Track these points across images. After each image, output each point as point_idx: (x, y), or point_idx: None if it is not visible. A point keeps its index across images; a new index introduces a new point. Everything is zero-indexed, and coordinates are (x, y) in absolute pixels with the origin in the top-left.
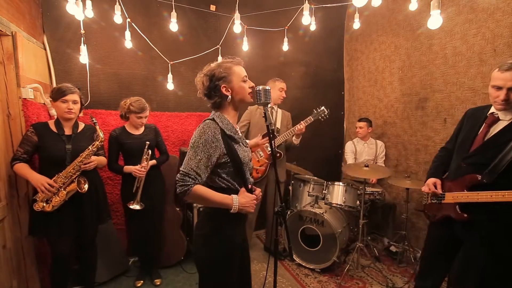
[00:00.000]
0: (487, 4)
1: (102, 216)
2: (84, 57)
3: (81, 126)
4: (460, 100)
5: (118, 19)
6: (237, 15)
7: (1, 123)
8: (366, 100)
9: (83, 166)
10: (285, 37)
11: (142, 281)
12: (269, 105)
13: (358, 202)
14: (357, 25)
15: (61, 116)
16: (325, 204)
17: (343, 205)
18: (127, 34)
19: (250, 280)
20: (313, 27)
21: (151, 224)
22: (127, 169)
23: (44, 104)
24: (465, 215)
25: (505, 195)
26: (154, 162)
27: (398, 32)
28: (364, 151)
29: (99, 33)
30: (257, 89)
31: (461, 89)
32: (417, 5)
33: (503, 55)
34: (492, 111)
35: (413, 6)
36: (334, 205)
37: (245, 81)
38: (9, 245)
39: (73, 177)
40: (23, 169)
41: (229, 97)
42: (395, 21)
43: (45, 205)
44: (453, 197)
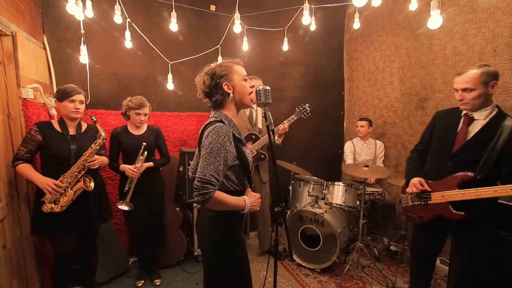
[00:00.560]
0: (487, 4)
1: (104, 215)
2: (84, 57)
3: (84, 126)
4: None
5: (118, 19)
6: (237, 15)
7: (1, 123)
8: (366, 100)
9: (87, 164)
10: (285, 37)
11: (142, 281)
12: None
13: (358, 202)
14: (357, 25)
15: (68, 116)
16: (325, 204)
17: (343, 205)
18: (127, 34)
19: (250, 274)
20: (313, 27)
21: (150, 224)
22: (123, 168)
23: (44, 104)
24: (462, 213)
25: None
26: (151, 164)
27: (398, 32)
28: (363, 151)
29: (99, 33)
30: (257, 89)
31: None
32: (417, 5)
33: (503, 55)
34: (464, 112)
35: (413, 6)
36: (334, 205)
37: (246, 79)
38: (9, 245)
39: (78, 176)
40: (27, 170)
41: (231, 95)
42: (395, 21)
43: (53, 206)
44: (443, 196)
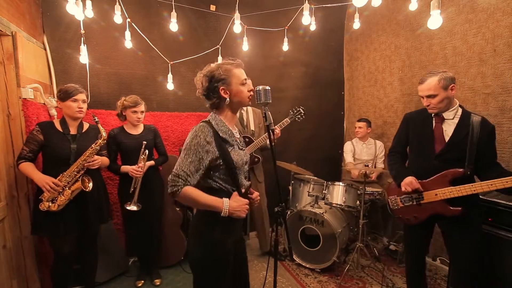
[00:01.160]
0: (487, 4)
1: (104, 215)
2: (84, 57)
3: (86, 126)
4: (460, 100)
5: (118, 19)
6: (237, 15)
7: (1, 123)
8: (366, 100)
9: (86, 164)
10: (285, 37)
11: (142, 281)
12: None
13: (358, 202)
14: (357, 25)
15: (72, 115)
16: (325, 204)
17: (343, 205)
18: (127, 34)
19: (247, 279)
20: (313, 27)
21: (149, 224)
22: (124, 169)
23: (44, 104)
24: (459, 208)
25: (507, 182)
26: (152, 163)
27: (398, 32)
28: (363, 152)
29: (99, 33)
30: (257, 89)
31: (461, 89)
32: (417, 5)
33: (503, 55)
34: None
35: (413, 6)
36: (334, 205)
37: (244, 84)
38: (9, 245)
39: (77, 176)
40: (28, 168)
41: (227, 99)
42: (395, 21)
43: (50, 205)
44: (437, 195)
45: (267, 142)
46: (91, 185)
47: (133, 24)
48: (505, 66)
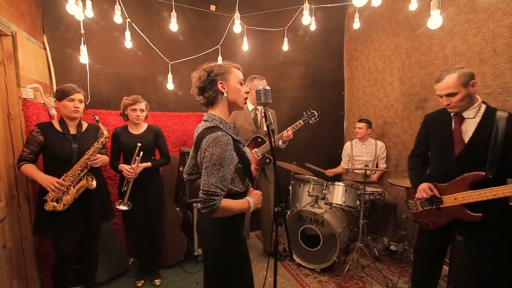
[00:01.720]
0: (487, 4)
1: (106, 214)
2: (84, 57)
3: (85, 125)
4: None
5: (118, 19)
6: (237, 15)
7: (1, 123)
8: (366, 100)
9: (90, 162)
10: (285, 37)
11: (142, 281)
12: (253, 107)
13: (358, 202)
14: (357, 25)
15: (68, 115)
16: (325, 204)
17: (343, 205)
18: (127, 34)
19: (252, 273)
20: (313, 27)
21: (149, 224)
22: (121, 167)
23: (44, 104)
24: (480, 215)
25: None
26: (148, 164)
27: (398, 32)
28: (363, 152)
29: (99, 33)
30: (257, 89)
31: None
32: (417, 5)
33: (503, 55)
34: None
35: (413, 6)
36: (334, 205)
37: (242, 84)
38: (9, 245)
39: (81, 175)
40: (31, 170)
41: (224, 94)
42: (395, 21)
43: (56, 205)
44: (456, 199)
45: (280, 143)
46: (94, 183)
47: (133, 24)
48: (505, 66)
